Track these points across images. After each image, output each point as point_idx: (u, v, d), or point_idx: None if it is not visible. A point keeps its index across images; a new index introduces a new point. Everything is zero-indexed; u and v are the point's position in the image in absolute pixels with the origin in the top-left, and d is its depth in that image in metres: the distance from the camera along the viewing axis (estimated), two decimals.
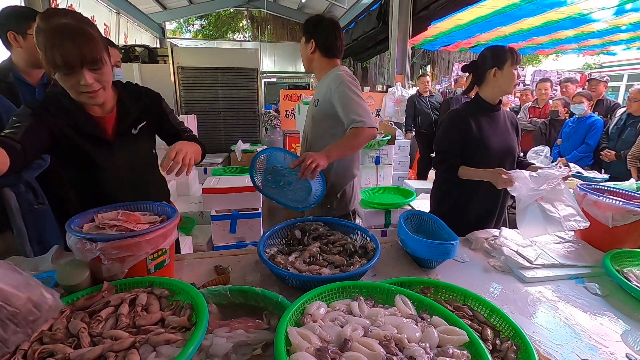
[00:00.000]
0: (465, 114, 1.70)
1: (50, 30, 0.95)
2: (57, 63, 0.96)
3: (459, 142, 1.68)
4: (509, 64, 1.61)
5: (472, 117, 1.68)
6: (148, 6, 9.49)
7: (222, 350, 0.75)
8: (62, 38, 0.94)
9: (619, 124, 3.51)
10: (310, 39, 1.67)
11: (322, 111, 1.66)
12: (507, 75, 1.62)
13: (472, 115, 1.69)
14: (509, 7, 5.05)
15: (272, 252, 1.22)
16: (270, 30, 13.19)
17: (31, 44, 1.63)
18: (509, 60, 1.60)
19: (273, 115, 6.98)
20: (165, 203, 1.16)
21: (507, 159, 1.72)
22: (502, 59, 1.62)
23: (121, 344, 0.71)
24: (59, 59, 0.95)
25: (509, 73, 1.62)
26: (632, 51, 8.26)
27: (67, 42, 0.94)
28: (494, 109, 1.72)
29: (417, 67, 10.90)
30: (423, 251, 1.24)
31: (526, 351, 0.77)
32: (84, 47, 0.97)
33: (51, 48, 0.94)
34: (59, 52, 0.94)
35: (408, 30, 6.04)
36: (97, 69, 1.02)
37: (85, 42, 0.97)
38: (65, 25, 0.96)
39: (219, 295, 0.94)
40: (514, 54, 1.61)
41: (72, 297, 0.88)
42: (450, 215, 1.55)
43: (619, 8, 4.69)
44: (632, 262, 1.31)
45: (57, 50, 0.94)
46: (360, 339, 0.71)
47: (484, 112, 1.71)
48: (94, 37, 1.00)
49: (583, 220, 1.33)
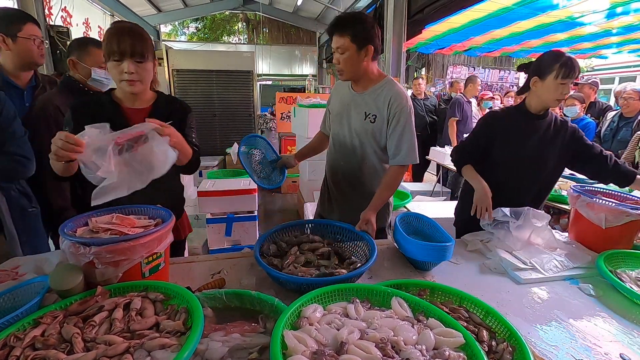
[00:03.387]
0: (501, 115, 1.68)
1: (116, 27, 1.20)
2: (113, 50, 1.16)
3: (481, 144, 1.66)
4: (553, 77, 1.47)
5: (509, 121, 1.63)
6: (143, 9, 9.45)
7: (218, 355, 0.74)
8: (122, 33, 1.18)
9: (612, 125, 3.55)
10: (366, 45, 1.44)
11: (380, 129, 1.54)
12: (548, 88, 1.50)
13: (509, 118, 1.64)
14: (502, 11, 5.10)
15: (269, 255, 1.21)
16: (266, 33, 13.20)
17: (21, 46, 1.62)
18: (555, 72, 1.46)
19: (269, 117, 6.99)
20: (159, 206, 1.15)
21: (532, 169, 1.62)
22: (545, 70, 1.50)
23: (115, 349, 0.70)
24: (115, 47, 1.16)
25: (551, 86, 1.48)
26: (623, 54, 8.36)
27: (124, 36, 1.17)
28: (535, 117, 1.60)
29: (412, 70, 10.96)
30: (419, 253, 1.25)
31: (522, 352, 0.77)
32: (136, 42, 1.19)
33: (111, 39, 1.17)
34: (116, 42, 1.16)
35: (403, 33, 6.07)
36: (140, 62, 1.21)
37: (137, 39, 1.19)
38: (127, 26, 1.22)
39: (215, 298, 0.93)
40: (563, 67, 1.45)
41: (66, 302, 0.87)
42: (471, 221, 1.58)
43: (610, 11, 4.76)
44: (625, 263, 1.33)
45: (115, 40, 1.16)
46: (357, 341, 0.71)
47: (522, 119, 1.62)
48: (145, 38, 1.23)
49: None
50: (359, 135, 1.58)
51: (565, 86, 1.47)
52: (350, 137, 1.61)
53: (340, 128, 1.63)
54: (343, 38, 1.42)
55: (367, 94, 1.55)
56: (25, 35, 1.61)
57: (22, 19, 1.64)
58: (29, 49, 1.63)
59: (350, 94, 1.60)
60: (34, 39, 1.64)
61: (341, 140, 1.64)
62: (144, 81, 1.25)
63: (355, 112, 1.58)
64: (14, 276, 1.11)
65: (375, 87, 1.54)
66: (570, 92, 1.54)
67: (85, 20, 6.03)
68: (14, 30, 1.59)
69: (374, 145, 1.58)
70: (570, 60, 1.46)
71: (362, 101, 1.56)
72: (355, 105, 1.58)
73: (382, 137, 1.55)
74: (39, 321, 0.80)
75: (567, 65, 1.45)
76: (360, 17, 1.43)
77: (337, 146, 1.66)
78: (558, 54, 1.50)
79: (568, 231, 1.67)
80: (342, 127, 1.63)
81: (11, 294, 0.96)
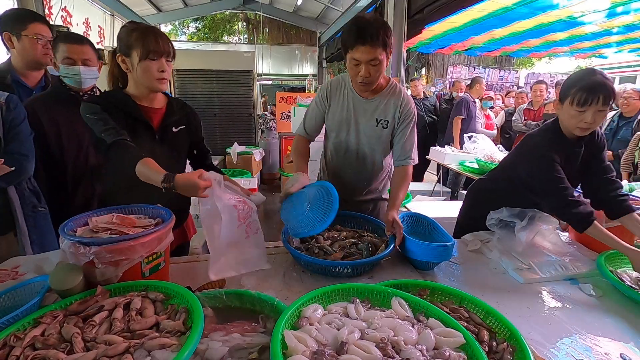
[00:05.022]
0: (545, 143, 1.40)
1: (144, 29, 1.22)
2: (152, 49, 1.20)
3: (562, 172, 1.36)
4: (568, 103, 1.29)
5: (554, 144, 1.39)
6: (143, 8, 9.45)
7: (218, 354, 0.74)
8: (155, 34, 1.22)
9: (612, 125, 3.55)
10: (388, 49, 1.36)
11: (389, 133, 1.55)
12: (567, 114, 1.32)
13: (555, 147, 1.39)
14: (502, 10, 5.11)
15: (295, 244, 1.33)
16: (266, 32, 13.20)
17: (25, 45, 1.63)
18: (570, 98, 1.28)
19: (269, 117, 6.98)
20: (160, 206, 1.15)
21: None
22: (564, 93, 1.32)
23: (115, 349, 0.70)
24: (154, 46, 1.20)
25: (569, 112, 1.30)
26: (623, 54, 8.35)
27: (158, 37, 1.22)
28: (570, 142, 1.39)
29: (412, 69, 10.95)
30: (421, 253, 1.24)
31: (522, 352, 0.77)
32: (167, 43, 1.25)
33: (147, 38, 1.19)
34: (154, 42, 1.20)
35: (403, 33, 6.06)
36: (168, 62, 1.27)
37: (166, 39, 1.25)
38: (154, 27, 1.26)
39: (215, 298, 0.93)
40: (580, 92, 1.24)
41: (66, 302, 0.87)
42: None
43: (610, 11, 4.75)
44: (625, 263, 1.32)
45: (152, 40, 1.20)
46: (357, 341, 0.71)
47: (559, 142, 1.40)
48: (169, 39, 1.28)
49: None
50: (370, 141, 1.57)
51: (585, 114, 1.24)
52: (359, 143, 1.58)
53: (347, 134, 1.58)
54: (376, 49, 1.30)
55: (377, 99, 1.52)
56: (29, 34, 1.62)
57: (29, 18, 1.65)
58: (32, 47, 1.64)
59: (356, 99, 1.54)
60: (38, 39, 1.64)
61: (348, 147, 1.60)
62: (168, 80, 1.31)
63: (364, 119, 1.54)
64: (14, 276, 1.11)
65: (384, 92, 1.53)
66: (597, 120, 1.26)
67: (85, 20, 6.03)
68: (19, 28, 1.61)
69: (386, 150, 1.61)
70: (594, 84, 1.22)
71: (371, 107, 1.53)
72: (364, 112, 1.54)
73: (390, 140, 1.58)
74: (39, 321, 0.80)
75: (587, 89, 1.22)
76: (384, 23, 1.34)
77: (343, 152, 1.62)
78: (583, 73, 1.28)
79: (568, 231, 1.67)
80: (348, 134, 1.58)
81: (11, 294, 0.96)
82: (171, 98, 1.44)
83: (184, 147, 1.45)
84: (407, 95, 1.54)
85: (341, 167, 1.65)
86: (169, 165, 1.27)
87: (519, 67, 13.72)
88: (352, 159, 1.61)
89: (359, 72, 1.37)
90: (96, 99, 1.27)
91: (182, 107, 1.44)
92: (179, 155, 1.44)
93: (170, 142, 1.36)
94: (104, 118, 1.19)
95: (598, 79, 1.24)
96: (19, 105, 1.42)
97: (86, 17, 6.06)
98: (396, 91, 1.53)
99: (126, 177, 1.13)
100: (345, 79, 1.56)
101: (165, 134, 1.35)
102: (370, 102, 1.53)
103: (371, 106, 1.53)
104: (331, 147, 1.66)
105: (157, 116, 1.34)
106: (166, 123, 1.35)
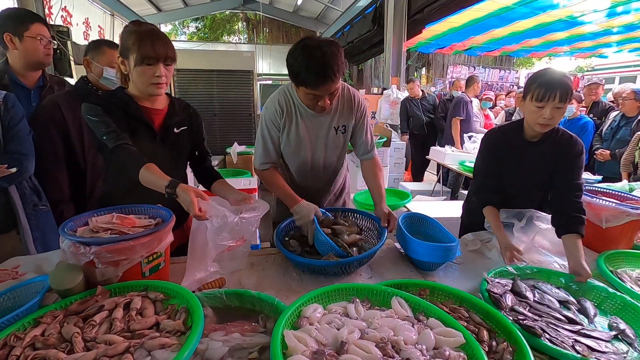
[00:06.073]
0: (499, 137, 1.49)
1: (144, 31, 1.17)
2: (148, 54, 1.16)
3: (493, 167, 1.49)
4: (529, 98, 1.31)
5: (505, 144, 1.47)
6: (143, 8, 9.46)
7: (218, 354, 0.74)
8: (155, 37, 1.18)
9: (613, 125, 3.55)
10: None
11: (348, 136, 1.57)
12: (528, 110, 1.34)
13: (505, 143, 1.46)
14: (502, 10, 5.12)
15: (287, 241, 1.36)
16: (266, 32, 13.21)
17: (27, 45, 1.63)
18: (530, 94, 1.30)
19: None
20: (160, 206, 1.15)
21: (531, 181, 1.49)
22: (526, 89, 1.35)
23: (115, 349, 0.70)
24: (150, 51, 1.16)
25: (530, 108, 1.32)
26: (623, 54, 8.36)
27: (157, 40, 1.18)
28: (529, 144, 1.42)
29: (412, 69, 10.97)
30: (425, 254, 1.24)
31: (522, 352, 0.77)
32: (167, 46, 1.21)
33: (144, 43, 1.15)
34: (151, 46, 1.16)
35: (403, 33, 6.08)
36: (168, 66, 1.24)
37: (166, 43, 1.21)
38: (155, 29, 1.21)
39: (215, 298, 0.93)
40: (539, 90, 1.27)
41: (66, 302, 0.87)
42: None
43: (610, 10, 4.76)
44: (626, 263, 1.32)
45: (149, 44, 1.16)
46: (357, 341, 0.71)
47: (518, 145, 1.45)
48: (170, 42, 1.24)
49: None
50: (334, 151, 1.59)
51: (544, 110, 1.27)
52: (325, 156, 1.58)
53: (309, 152, 1.55)
54: (337, 82, 1.31)
55: (331, 109, 1.48)
56: (32, 35, 1.62)
57: (30, 18, 1.65)
58: (35, 48, 1.64)
59: (309, 115, 1.48)
60: (40, 39, 1.64)
61: (313, 162, 1.58)
62: (168, 84, 1.28)
63: (323, 132, 1.52)
64: (14, 275, 1.11)
65: (335, 100, 1.46)
66: (556, 116, 1.28)
67: (85, 20, 6.04)
68: (21, 29, 1.60)
69: (345, 149, 1.63)
70: (552, 81, 1.26)
71: (327, 119, 1.50)
72: (321, 125, 1.51)
73: (345, 143, 1.60)
74: (39, 321, 0.80)
75: (545, 85, 1.26)
76: (338, 48, 1.28)
77: (308, 169, 1.59)
78: (544, 71, 1.32)
79: None
80: (310, 150, 1.54)
81: (11, 294, 0.96)
82: (173, 98, 1.42)
83: (185, 148, 1.44)
84: (355, 92, 1.54)
85: (311, 183, 1.63)
86: (170, 166, 1.27)
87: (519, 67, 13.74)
88: (319, 172, 1.61)
89: (318, 102, 1.35)
90: (98, 100, 1.25)
91: (185, 108, 1.43)
92: (180, 157, 1.44)
93: (171, 143, 1.36)
94: (105, 121, 1.18)
95: (556, 76, 1.28)
96: (17, 104, 1.41)
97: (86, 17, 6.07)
98: (345, 93, 1.50)
99: (127, 179, 1.13)
100: (292, 96, 1.48)
101: (167, 134, 1.34)
102: (325, 115, 1.49)
103: (327, 119, 1.50)
104: (295, 168, 1.60)
105: (158, 117, 1.33)
106: (167, 124, 1.34)
